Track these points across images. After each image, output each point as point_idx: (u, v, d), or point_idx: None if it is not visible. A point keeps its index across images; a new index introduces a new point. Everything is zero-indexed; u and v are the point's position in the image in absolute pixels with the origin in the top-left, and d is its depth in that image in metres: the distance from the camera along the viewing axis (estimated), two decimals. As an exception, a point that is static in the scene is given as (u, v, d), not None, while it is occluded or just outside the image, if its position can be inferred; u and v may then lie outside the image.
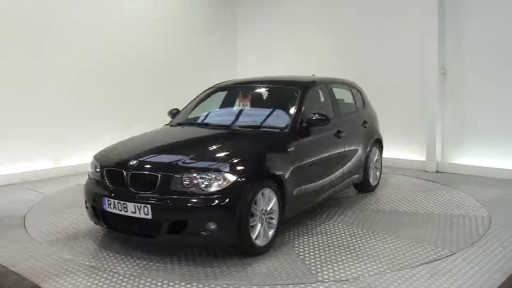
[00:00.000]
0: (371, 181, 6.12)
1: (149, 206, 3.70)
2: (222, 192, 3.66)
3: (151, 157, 4.14)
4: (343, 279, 3.48)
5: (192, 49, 9.63)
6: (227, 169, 3.76)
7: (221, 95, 5.69)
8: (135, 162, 3.98)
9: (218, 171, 3.73)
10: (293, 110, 4.78)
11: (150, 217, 3.71)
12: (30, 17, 7.15)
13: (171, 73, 9.18)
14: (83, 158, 7.35)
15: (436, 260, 3.80)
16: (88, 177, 4.43)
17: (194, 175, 3.71)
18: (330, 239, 4.36)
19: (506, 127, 6.89)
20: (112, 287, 3.40)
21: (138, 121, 7.72)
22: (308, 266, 3.72)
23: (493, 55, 6.96)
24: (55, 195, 6.27)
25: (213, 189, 3.67)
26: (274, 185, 4.07)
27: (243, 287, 3.38)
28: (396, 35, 7.98)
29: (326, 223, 4.85)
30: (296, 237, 4.45)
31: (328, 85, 5.56)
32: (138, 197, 3.79)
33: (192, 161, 3.95)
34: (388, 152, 7.35)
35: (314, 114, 4.65)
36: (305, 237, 4.44)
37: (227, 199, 3.64)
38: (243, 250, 3.91)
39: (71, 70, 7.67)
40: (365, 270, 3.63)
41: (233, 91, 5.68)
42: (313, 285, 3.39)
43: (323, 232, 4.57)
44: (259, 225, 3.91)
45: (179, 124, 5.25)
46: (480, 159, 7.18)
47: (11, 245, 4.32)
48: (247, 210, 3.73)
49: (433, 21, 7.37)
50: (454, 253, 3.95)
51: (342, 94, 5.96)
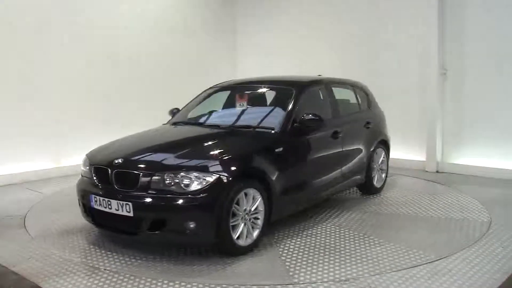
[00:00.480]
0: (375, 183, 6.02)
1: (130, 204, 3.76)
2: (201, 192, 3.68)
3: (136, 155, 4.17)
4: (343, 279, 3.48)
5: (192, 49, 9.63)
6: (206, 168, 3.80)
7: (220, 95, 5.70)
8: (120, 160, 4.05)
9: (198, 170, 3.77)
10: (285, 111, 4.77)
11: (131, 214, 3.78)
12: (30, 18, 7.16)
13: (171, 73, 9.18)
14: (83, 158, 7.34)
15: (436, 260, 3.80)
16: (81, 175, 4.53)
17: (174, 174, 3.74)
18: (317, 241, 4.31)
19: (506, 127, 6.89)
20: (112, 287, 3.40)
21: (138, 121, 7.71)
22: (287, 268, 3.71)
23: (493, 55, 6.96)
24: (55, 195, 6.27)
25: (193, 188, 3.70)
26: (260, 185, 4.07)
27: (218, 287, 3.39)
28: (396, 35, 7.98)
29: (319, 225, 4.79)
30: (284, 238, 4.42)
31: (328, 85, 5.51)
32: (121, 194, 3.86)
33: (174, 160, 4.01)
34: (388, 152, 7.35)
35: (307, 114, 4.61)
36: (293, 238, 4.40)
37: (206, 198, 3.67)
38: (225, 250, 3.92)
39: (71, 70, 7.68)
40: (343, 273, 3.58)
41: (230, 92, 5.69)
42: (313, 285, 3.39)
43: (313, 233, 4.52)
44: (242, 225, 3.93)
45: (174, 124, 5.30)
46: (480, 159, 7.18)
47: (11, 245, 4.32)
48: (227, 210, 3.75)
49: (433, 21, 7.38)
50: (440, 258, 3.89)
51: (344, 95, 5.92)
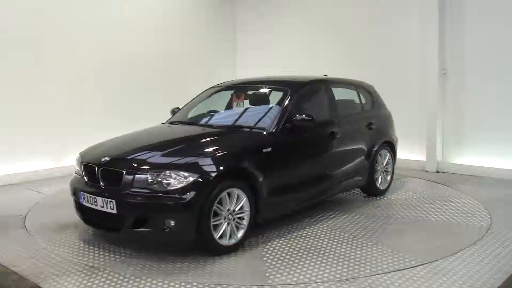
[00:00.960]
0: (378, 185, 5.92)
1: (114, 201, 3.86)
2: (182, 190, 3.73)
3: (123, 154, 4.25)
4: (343, 279, 3.48)
5: (192, 49, 9.63)
6: (188, 168, 3.84)
7: (219, 95, 5.72)
8: (106, 158, 4.15)
9: (179, 169, 3.81)
10: (276, 111, 4.76)
11: (115, 211, 3.88)
12: (30, 18, 7.15)
13: (171, 73, 9.18)
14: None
15: (437, 260, 3.80)
16: (74, 173, 4.64)
17: (156, 173, 3.80)
18: (304, 242, 4.28)
19: (506, 127, 6.90)
20: (112, 287, 3.41)
21: (138, 120, 7.68)
22: (266, 269, 3.70)
23: (493, 55, 6.97)
24: (56, 195, 6.27)
25: (174, 187, 3.75)
26: (245, 185, 4.08)
27: (189, 285, 3.41)
28: (396, 35, 7.98)
29: (311, 226, 4.75)
30: (272, 238, 4.40)
31: (327, 85, 5.46)
32: (106, 192, 3.97)
33: (158, 159, 4.06)
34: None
35: (300, 115, 4.60)
36: (281, 239, 4.38)
37: (186, 197, 3.71)
38: (206, 249, 3.95)
39: (71, 70, 7.68)
40: (320, 275, 3.54)
41: (228, 92, 5.70)
42: (313, 285, 3.39)
43: (302, 235, 4.48)
44: (225, 224, 3.96)
45: (171, 123, 5.38)
46: (480, 159, 7.18)
47: (11, 245, 4.32)
48: (208, 209, 3.79)
49: (433, 21, 7.38)
50: (428, 262, 3.90)
51: (346, 95, 5.89)
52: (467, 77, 7.27)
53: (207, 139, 4.57)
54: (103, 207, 3.95)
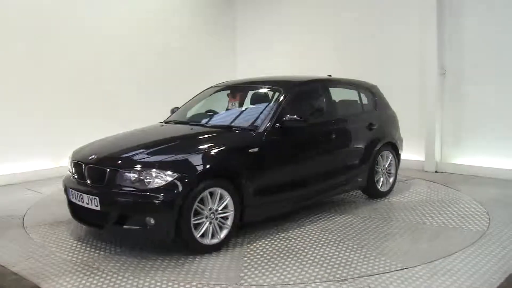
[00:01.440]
0: (379, 186, 5.81)
1: (98, 198, 3.96)
2: (162, 189, 3.78)
3: (110, 152, 4.32)
4: (342, 278, 3.48)
5: (192, 49, 9.63)
6: (168, 167, 3.89)
7: (217, 95, 5.72)
8: (93, 156, 4.26)
9: (160, 168, 3.86)
10: (267, 111, 4.76)
11: (99, 208, 3.97)
12: (30, 18, 7.15)
13: (171, 73, 9.18)
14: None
15: (436, 260, 3.80)
16: (68, 170, 4.72)
17: (137, 171, 3.87)
18: (290, 243, 4.24)
19: (506, 127, 6.90)
20: (112, 287, 3.41)
21: (138, 120, 7.69)
22: (242, 269, 3.70)
23: (493, 55, 6.97)
24: (55, 195, 6.26)
25: (154, 185, 3.80)
26: (229, 185, 4.09)
27: (158, 282, 3.47)
28: (395, 35, 7.99)
29: (302, 227, 4.70)
30: (258, 239, 4.38)
31: (325, 85, 5.41)
32: (91, 189, 4.08)
33: (141, 158, 4.11)
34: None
35: (291, 115, 4.59)
36: (268, 239, 4.35)
37: (166, 196, 3.76)
38: (187, 247, 3.98)
39: (71, 70, 7.67)
40: (296, 277, 3.52)
41: (225, 92, 5.69)
42: (312, 285, 3.39)
43: (290, 236, 4.43)
44: (206, 224, 3.98)
45: (166, 122, 5.43)
46: (479, 159, 7.19)
47: (11, 245, 4.32)
48: (188, 208, 3.82)
49: (432, 21, 7.39)
50: (412, 266, 3.91)
51: (347, 95, 5.85)
52: (466, 77, 7.28)
53: (193, 139, 4.58)
54: (88, 204, 4.05)
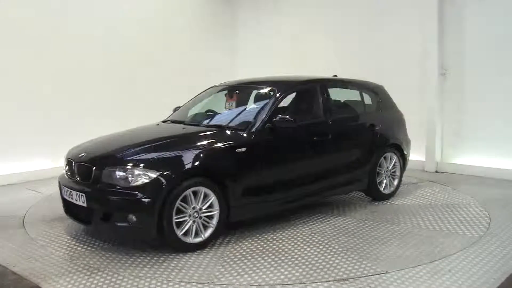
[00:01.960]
0: (382, 189, 5.65)
1: (84, 195, 4.08)
2: (143, 187, 3.85)
3: (99, 150, 4.42)
4: (343, 278, 3.48)
5: (192, 49, 9.62)
6: (150, 165, 3.96)
7: (217, 95, 5.71)
8: (83, 154, 4.38)
9: (142, 167, 3.94)
10: (258, 111, 4.77)
11: (85, 205, 4.08)
12: (30, 18, 7.15)
13: (170, 73, 9.17)
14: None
15: (436, 260, 3.80)
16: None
17: (121, 169, 3.96)
18: (276, 244, 4.23)
19: (506, 127, 6.90)
20: (112, 287, 3.41)
21: (138, 120, 7.69)
22: (220, 268, 3.72)
23: (493, 55, 6.97)
24: (55, 195, 6.24)
25: (137, 183, 3.87)
26: (214, 184, 4.11)
27: (131, 277, 3.55)
28: (396, 35, 7.98)
29: (294, 228, 4.67)
30: (246, 239, 4.37)
31: (323, 86, 5.33)
32: (79, 186, 4.20)
33: (126, 156, 4.15)
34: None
35: (281, 116, 4.58)
36: (255, 240, 4.35)
37: (146, 194, 3.83)
38: (170, 245, 4.03)
39: (71, 70, 7.67)
40: (270, 278, 3.51)
41: (223, 92, 5.68)
42: (313, 285, 3.39)
43: (279, 237, 4.41)
44: (190, 222, 4.01)
45: (163, 122, 5.46)
46: (479, 159, 7.18)
47: (11, 245, 4.32)
48: (170, 206, 3.87)
49: (433, 21, 7.38)
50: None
51: (348, 96, 5.80)
52: (467, 77, 7.27)
53: (180, 139, 4.60)
54: (77, 200, 4.18)
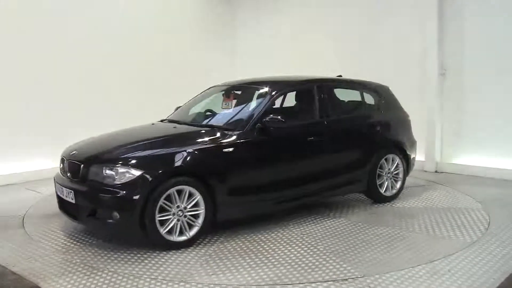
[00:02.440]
0: (382, 191, 5.53)
1: (72, 192, 4.20)
2: (126, 185, 3.93)
3: (88, 149, 4.52)
4: (343, 278, 3.48)
5: (192, 49, 9.61)
6: (134, 164, 4.04)
7: (217, 95, 5.68)
8: (74, 152, 4.51)
9: (126, 165, 4.02)
10: (250, 111, 4.77)
11: (74, 201, 4.21)
12: (30, 17, 7.14)
13: (171, 73, 9.16)
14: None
15: (436, 260, 3.80)
16: None
17: (106, 167, 4.06)
18: (261, 245, 4.21)
19: (506, 127, 6.89)
20: (112, 287, 3.41)
21: (138, 120, 7.70)
22: (197, 267, 3.74)
23: (493, 55, 6.96)
24: (54, 195, 6.24)
25: (121, 181, 3.96)
26: (199, 184, 4.14)
27: (110, 273, 3.63)
28: (396, 35, 7.98)
29: (283, 229, 4.64)
30: (233, 239, 4.37)
31: (321, 86, 5.27)
32: (69, 183, 4.33)
33: (113, 154, 4.25)
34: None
35: (272, 116, 4.56)
36: (242, 240, 4.34)
37: (129, 191, 3.91)
38: (154, 243, 4.08)
39: (71, 70, 7.66)
40: (244, 279, 3.51)
41: (221, 92, 5.63)
42: (313, 285, 3.39)
43: (267, 238, 4.39)
44: (174, 221, 4.05)
45: (161, 121, 5.51)
46: (479, 159, 7.18)
47: (10, 245, 4.32)
48: (153, 204, 3.92)
49: (433, 21, 7.37)
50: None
51: (348, 96, 5.75)
52: (466, 77, 7.27)
53: (169, 138, 4.62)
54: (67, 197, 4.30)
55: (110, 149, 4.37)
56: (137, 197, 3.89)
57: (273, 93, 4.94)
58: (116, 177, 3.97)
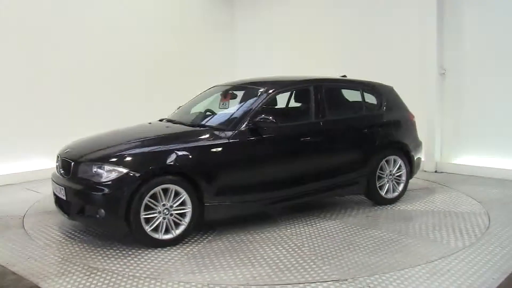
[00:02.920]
0: (383, 193, 5.45)
1: (64, 189, 4.31)
2: (112, 183, 4.02)
3: (82, 147, 4.60)
4: (343, 278, 3.48)
5: (192, 49, 9.61)
6: (120, 162, 4.11)
7: (217, 95, 5.67)
8: (68, 150, 4.64)
9: (111, 163, 4.11)
10: (242, 111, 4.77)
11: (65, 198, 4.32)
12: (30, 17, 7.15)
13: (171, 73, 9.16)
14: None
15: (436, 260, 3.80)
16: None
17: (93, 165, 4.16)
18: (246, 245, 4.19)
19: (505, 127, 6.89)
20: (111, 287, 3.41)
21: (138, 120, 7.71)
22: (177, 265, 3.76)
23: (493, 55, 6.97)
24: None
25: (107, 179, 4.04)
26: (185, 183, 4.17)
27: (86, 266, 3.76)
28: (395, 35, 7.98)
29: (273, 230, 4.60)
30: (221, 238, 4.38)
31: (319, 86, 5.20)
32: (61, 180, 4.45)
33: (102, 152, 4.32)
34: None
35: (264, 116, 4.56)
36: (230, 240, 4.33)
37: (113, 189, 4.00)
38: (139, 240, 4.15)
39: (70, 70, 7.67)
40: (218, 278, 3.51)
41: (220, 92, 5.63)
42: (312, 285, 3.39)
43: (257, 238, 4.37)
44: (160, 219, 4.11)
45: (160, 120, 5.55)
46: (479, 159, 7.18)
47: (10, 245, 4.32)
48: (138, 202, 3.99)
49: (432, 20, 7.38)
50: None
51: (350, 97, 5.72)
52: (466, 76, 7.27)
53: (159, 137, 4.65)
54: (59, 193, 4.42)
55: (100, 147, 4.45)
56: (121, 194, 3.96)
57: (266, 93, 4.93)
58: (103, 175, 4.06)
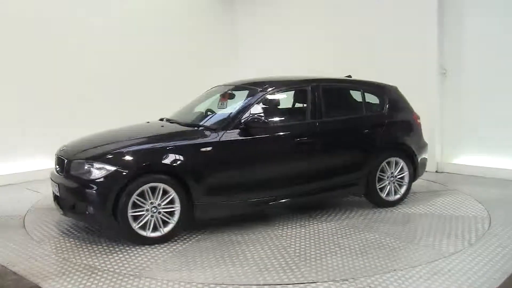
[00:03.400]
0: (383, 195, 5.32)
1: (58, 186, 4.44)
2: (100, 180, 4.11)
3: (77, 145, 4.67)
4: (343, 278, 3.48)
5: (192, 49, 9.61)
6: (108, 160, 4.19)
7: (217, 95, 5.66)
8: (64, 148, 4.73)
9: (100, 161, 4.19)
10: (235, 111, 4.78)
11: (59, 194, 4.45)
12: (31, 17, 7.15)
13: (171, 73, 9.17)
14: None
15: (436, 260, 3.80)
16: None
17: (84, 163, 4.25)
18: (233, 246, 4.19)
19: (506, 127, 6.88)
20: (112, 287, 3.41)
21: (138, 120, 7.71)
22: (159, 263, 3.80)
23: (493, 55, 6.96)
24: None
25: (95, 176, 4.14)
26: (174, 182, 4.21)
27: (72, 264, 3.84)
28: (396, 35, 7.97)
29: (266, 230, 4.59)
30: (209, 238, 4.39)
31: (317, 86, 5.13)
32: (57, 177, 4.54)
33: (93, 151, 4.39)
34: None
35: (256, 116, 4.56)
36: (218, 240, 4.33)
37: (101, 186, 4.09)
38: (126, 237, 4.25)
39: (71, 71, 7.68)
40: (196, 277, 3.54)
41: (220, 92, 5.62)
42: (312, 285, 3.39)
43: (246, 239, 4.35)
44: (148, 217, 4.16)
45: (160, 120, 5.57)
46: (479, 159, 7.17)
47: (11, 245, 4.32)
48: (125, 200, 4.06)
49: (433, 21, 7.37)
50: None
51: (350, 97, 5.66)
52: (467, 77, 7.26)
53: (150, 136, 4.69)
54: (55, 190, 4.55)
55: (92, 146, 4.52)
56: (108, 192, 4.04)
57: (259, 93, 4.93)
58: (93, 172, 4.14)
